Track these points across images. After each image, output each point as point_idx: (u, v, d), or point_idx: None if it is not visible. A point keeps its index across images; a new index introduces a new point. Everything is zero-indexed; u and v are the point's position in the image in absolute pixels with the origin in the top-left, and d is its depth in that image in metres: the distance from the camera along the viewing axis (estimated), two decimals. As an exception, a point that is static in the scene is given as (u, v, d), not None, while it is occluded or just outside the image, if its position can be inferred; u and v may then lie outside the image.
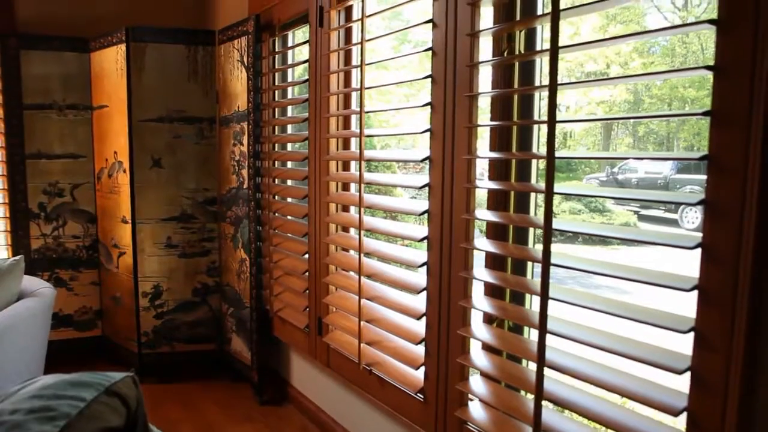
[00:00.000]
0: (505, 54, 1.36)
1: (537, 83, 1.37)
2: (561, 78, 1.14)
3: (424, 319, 1.57)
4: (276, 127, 2.46)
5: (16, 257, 2.25)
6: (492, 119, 1.42)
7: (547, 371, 1.20)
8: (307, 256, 2.16)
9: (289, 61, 2.43)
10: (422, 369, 1.60)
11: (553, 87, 1.15)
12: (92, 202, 2.98)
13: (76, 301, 2.97)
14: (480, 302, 1.41)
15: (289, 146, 2.36)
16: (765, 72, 0.87)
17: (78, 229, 2.97)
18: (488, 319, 1.45)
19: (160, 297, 2.76)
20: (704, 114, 0.96)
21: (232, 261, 2.68)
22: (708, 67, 0.96)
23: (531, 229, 1.41)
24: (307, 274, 2.16)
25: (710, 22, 0.95)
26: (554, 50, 1.14)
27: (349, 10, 1.93)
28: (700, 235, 0.98)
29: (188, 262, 2.79)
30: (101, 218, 2.95)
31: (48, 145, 2.89)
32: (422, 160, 1.52)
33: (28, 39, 2.81)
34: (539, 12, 1.34)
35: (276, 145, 2.41)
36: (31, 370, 2.12)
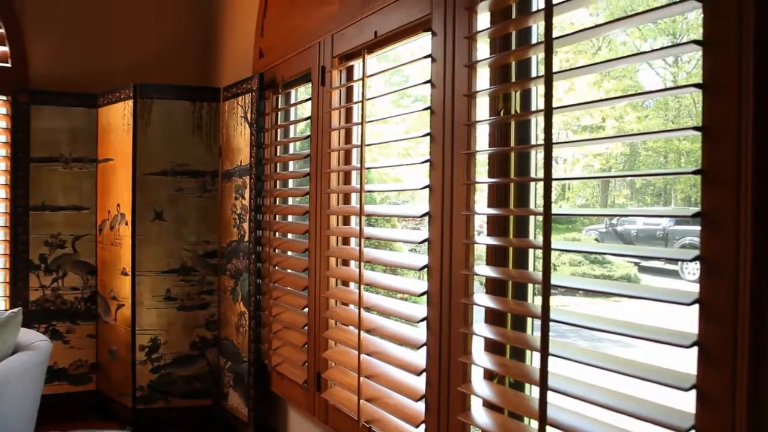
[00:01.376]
0: (502, 113, 1.40)
1: (533, 139, 1.40)
2: (558, 132, 1.18)
3: (424, 375, 1.55)
4: (277, 182, 2.50)
5: (14, 310, 2.24)
6: (490, 175, 1.45)
7: (549, 430, 1.18)
8: (306, 310, 2.16)
9: (291, 118, 2.50)
10: (422, 426, 1.56)
11: (548, 146, 1.18)
12: (93, 253, 2.99)
13: (71, 354, 2.94)
14: (480, 358, 1.40)
15: (290, 200, 2.40)
16: (750, 133, 0.90)
17: (77, 281, 2.97)
18: (489, 375, 1.43)
19: (157, 350, 2.73)
20: (695, 173, 0.99)
21: (231, 314, 2.67)
22: (696, 128, 0.99)
23: (530, 283, 1.41)
24: (306, 328, 2.15)
25: (696, 85, 0.98)
26: (548, 111, 1.18)
27: (350, 70, 2.01)
28: (697, 290, 0.98)
29: (187, 315, 2.77)
30: (101, 270, 2.95)
31: (52, 197, 2.93)
32: (422, 216, 1.55)
33: (40, 95, 2.90)
34: (533, 74, 1.39)
35: (277, 199, 2.44)
36: (23, 427, 2.07)
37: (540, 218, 1.27)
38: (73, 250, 2.97)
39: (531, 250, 1.40)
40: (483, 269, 1.40)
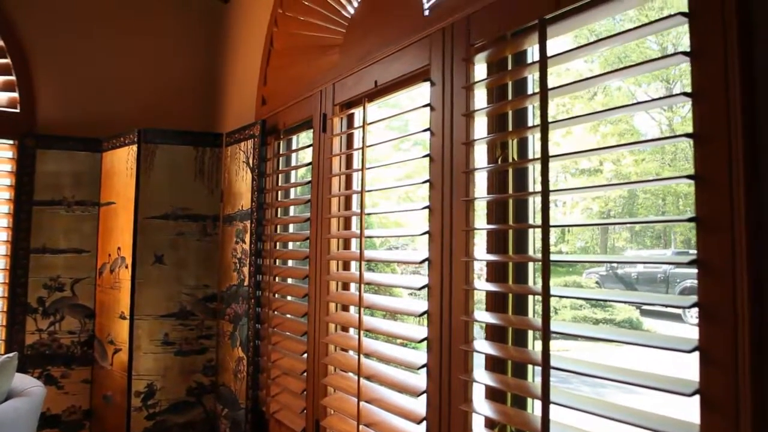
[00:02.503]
0: (499, 161, 1.43)
1: (531, 185, 1.43)
2: (556, 175, 1.20)
3: (424, 423, 1.53)
4: (278, 226, 2.51)
5: (10, 355, 2.22)
6: (489, 221, 1.46)
7: (552, 482, 1.15)
8: (305, 355, 2.14)
9: (293, 163, 2.54)
10: (423, 478, 1.53)
11: (545, 193, 1.20)
12: (92, 297, 2.97)
13: (65, 400, 2.89)
14: (481, 406, 1.38)
15: (290, 245, 2.41)
16: (741, 181, 0.92)
17: (75, 325, 2.94)
18: (490, 423, 1.41)
19: (153, 396, 2.68)
20: (689, 220, 1.00)
21: (229, 360, 2.64)
22: (689, 176, 1.01)
23: (530, 330, 1.41)
24: (305, 374, 2.12)
25: (687, 135, 1.01)
26: (545, 159, 1.21)
27: (350, 117, 2.05)
28: (697, 337, 0.98)
29: (184, 360, 2.74)
30: (99, 314, 2.94)
31: (53, 240, 2.94)
32: (421, 262, 1.55)
33: (46, 139, 2.95)
34: (530, 122, 1.43)
35: (277, 243, 2.45)
36: (13, 477, 2.02)
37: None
38: (71, 293, 2.96)
39: (530, 295, 1.40)
40: (483, 315, 1.40)
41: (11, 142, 2.96)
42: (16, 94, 3.00)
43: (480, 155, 1.48)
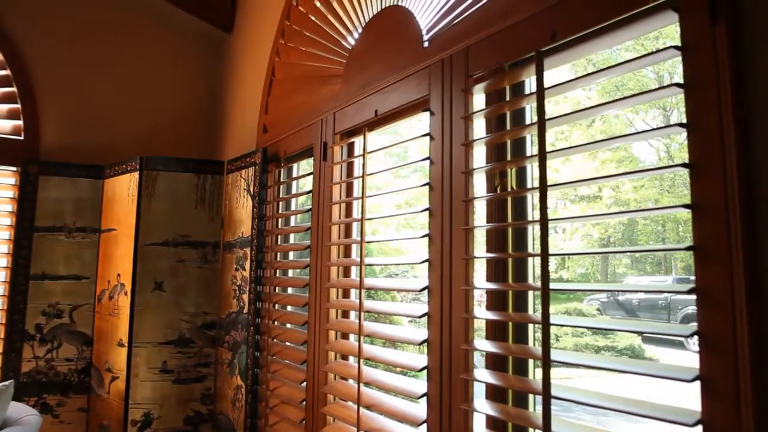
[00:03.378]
0: (498, 189, 1.44)
1: (530, 213, 1.44)
2: (556, 201, 1.21)
3: (424, 453, 1.51)
4: (278, 254, 2.52)
5: (6, 383, 2.20)
6: (488, 249, 1.47)
7: None
8: (304, 384, 2.12)
9: (293, 191, 2.55)
10: None
11: (543, 222, 1.21)
12: (90, 324, 2.96)
13: (60, 429, 2.85)
14: (482, 437, 1.37)
15: (290, 272, 2.41)
16: (737, 210, 0.93)
17: (72, 352, 2.92)
18: (491, 454, 1.39)
19: (150, 426, 2.65)
20: (687, 249, 1.01)
21: (227, 388, 2.61)
22: (686, 206, 1.02)
23: (531, 359, 1.40)
24: (304, 403, 2.10)
25: (683, 165, 1.03)
26: (543, 188, 1.22)
27: (351, 146, 2.08)
28: (698, 366, 0.98)
29: (182, 389, 2.71)
30: (97, 341, 2.92)
31: (53, 267, 2.94)
32: (421, 290, 1.56)
33: (49, 166, 2.98)
34: (528, 152, 1.44)
35: (277, 270, 2.45)
36: None
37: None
38: (70, 320, 2.94)
39: (531, 323, 1.40)
40: (483, 344, 1.39)
41: (14, 168, 2.99)
42: (20, 122, 3.04)
43: (479, 183, 1.50)
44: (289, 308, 2.48)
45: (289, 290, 2.49)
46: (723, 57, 0.97)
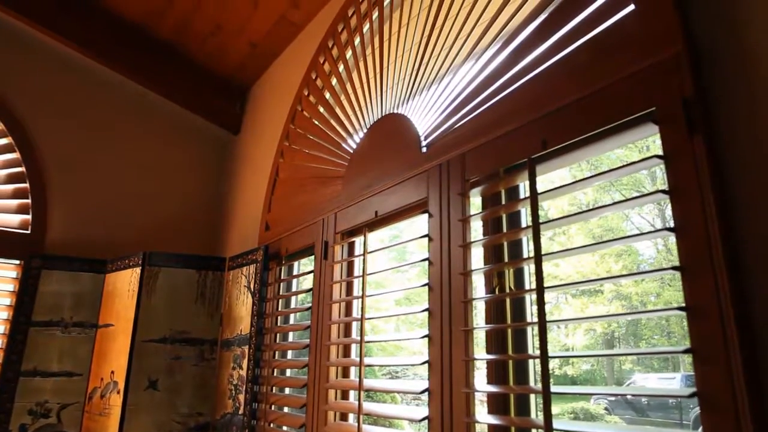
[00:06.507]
0: (497, 290, 1.46)
1: (528, 314, 1.45)
2: (557, 297, 1.22)
3: None
4: (276, 352, 2.48)
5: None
6: (488, 350, 1.46)
7: None
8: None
9: (293, 288, 2.56)
10: None
11: (542, 322, 1.22)
12: (78, 424, 2.85)
13: None
14: None
15: (288, 372, 2.36)
16: (730, 312, 0.94)
17: (56, 456, 2.79)
18: None
19: None
20: (685, 352, 1.01)
21: (217, 496, 2.47)
22: (680, 308, 1.04)
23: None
24: None
25: (674, 268, 1.05)
26: (540, 290, 1.24)
27: (351, 245, 2.12)
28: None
29: (171, 497, 2.57)
30: (85, 444, 2.80)
31: (46, 363, 2.87)
32: (421, 392, 1.53)
33: (52, 260, 2.99)
34: (525, 250, 1.48)
35: (275, 370, 2.41)
36: None
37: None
38: (57, 420, 2.83)
39: (533, 428, 1.36)
40: (485, 451, 1.35)
41: (16, 262, 3.01)
42: (29, 216, 3.11)
43: (478, 282, 1.52)
44: (285, 409, 2.41)
45: (287, 390, 2.43)
46: (703, 166, 1.02)
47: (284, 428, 2.32)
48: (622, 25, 1.22)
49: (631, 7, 1.20)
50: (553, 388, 1.19)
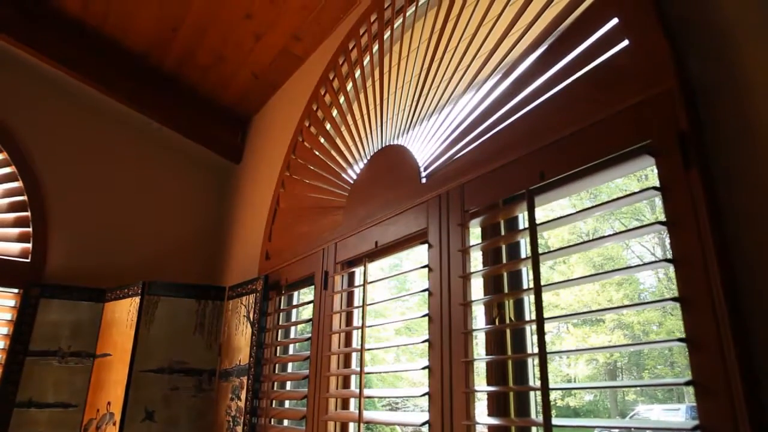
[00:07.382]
0: (497, 321, 1.46)
1: (528, 344, 1.44)
2: (558, 326, 1.21)
3: None
4: (275, 383, 2.46)
5: None
6: (488, 381, 1.45)
7: None
8: None
9: (293, 318, 2.55)
10: None
11: (542, 353, 1.22)
12: (72, 458, 2.80)
13: None
14: None
15: (287, 404, 2.33)
16: (731, 344, 0.94)
17: (45, 493, 2.73)
18: None
19: None
20: (687, 384, 1.01)
21: None
22: (680, 339, 1.03)
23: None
24: None
25: (673, 299, 1.06)
26: (540, 321, 1.24)
27: (351, 276, 2.12)
28: None
29: None
30: (79, 477, 2.74)
31: (41, 393, 2.83)
32: (422, 425, 1.51)
33: (51, 289, 2.98)
34: (525, 281, 1.48)
35: (273, 401, 2.38)
36: None
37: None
38: (51, 452, 2.79)
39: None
40: (487, 486, 1.33)
41: (15, 290, 2.99)
42: (29, 245, 3.11)
43: (478, 312, 1.52)
44: (284, 442, 2.37)
45: (285, 422, 2.39)
46: (699, 198, 1.03)
47: (282, 462, 2.29)
48: (617, 59, 1.24)
49: (626, 42, 1.23)
50: (555, 421, 1.18)
